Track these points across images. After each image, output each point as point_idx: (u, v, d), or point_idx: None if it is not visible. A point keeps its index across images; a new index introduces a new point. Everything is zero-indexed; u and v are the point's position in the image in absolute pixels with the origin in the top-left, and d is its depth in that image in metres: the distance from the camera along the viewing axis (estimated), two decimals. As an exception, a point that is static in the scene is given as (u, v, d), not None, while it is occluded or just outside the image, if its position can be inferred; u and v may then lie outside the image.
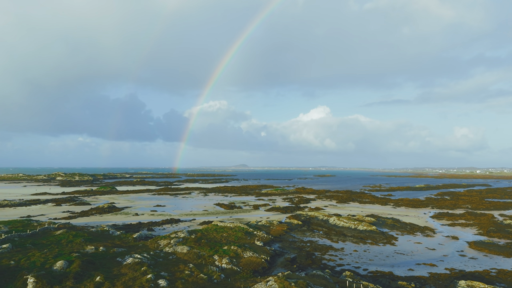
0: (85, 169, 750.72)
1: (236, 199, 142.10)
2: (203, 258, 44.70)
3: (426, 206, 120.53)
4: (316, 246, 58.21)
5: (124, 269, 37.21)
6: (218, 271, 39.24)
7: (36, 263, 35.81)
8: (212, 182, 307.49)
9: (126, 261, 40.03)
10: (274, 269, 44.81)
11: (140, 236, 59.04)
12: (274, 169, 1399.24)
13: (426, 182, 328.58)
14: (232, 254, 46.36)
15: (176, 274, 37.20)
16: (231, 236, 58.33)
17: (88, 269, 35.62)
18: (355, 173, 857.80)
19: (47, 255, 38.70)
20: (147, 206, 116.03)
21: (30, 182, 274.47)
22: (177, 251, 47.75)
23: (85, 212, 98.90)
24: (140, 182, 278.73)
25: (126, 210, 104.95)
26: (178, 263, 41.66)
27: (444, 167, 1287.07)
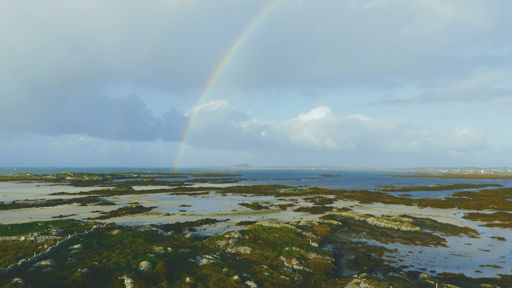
0: (87, 169, 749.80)
1: (258, 199, 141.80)
2: (270, 259, 44.45)
3: (452, 207, 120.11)
4: (368, 247, 57.92)
5: (204, 270, 36.95)
6: (295, 273, 38.97)
7: (121, 264, 35.54)
8: (221, 182, 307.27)
9: (201, 262, 39.77)
10: (342, 270, 44.53)
11: (192, 236, 58.81)
12: (276, 169, 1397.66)
13: (436, 182, 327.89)
14: (297, 256, 46.08)
15: (258, 275, 36.93)
16: (283, 236, 58.05)
17: (172, 270, 35.38)
18: (359, 173, 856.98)
19: (125, 256, 38.43)
20: (173, 206, 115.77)
21: (41, 182, 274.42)
22: (240, 251, 47.49)
23: (115, 212, 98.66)
24: (151, 182, 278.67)
25: (155, 210, 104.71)
26: (250, 264, 41.41)
27: (445, 167, 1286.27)
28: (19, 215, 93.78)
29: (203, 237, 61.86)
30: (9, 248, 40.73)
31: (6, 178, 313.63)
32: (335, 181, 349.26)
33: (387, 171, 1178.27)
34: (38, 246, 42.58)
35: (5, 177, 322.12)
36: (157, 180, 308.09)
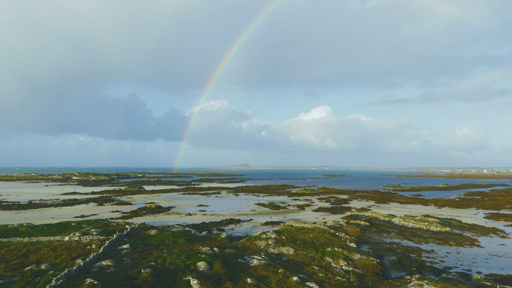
0: (88, 169, 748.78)
1: (272, 199, 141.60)
2: (317, 260, 44.26)
3: (469, 207, 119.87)
4: (404, 247, 57.71)
5: (260, 271, 36.77)
6: (349, 274, 38.80)
7: (178, 264, 35.37)
8: (228, 181, 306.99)
9: (252, 262, 39.58)
10: (389, 271, 44.34)
11: (227, 237, 58.64)
12: (277, 169, 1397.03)
13: (442, 182, 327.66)
14: (342, 256, 45.90)
15: (313, 276, 36.77)
16: (319, 237, 57.87)
17: (229, 271, 35.22)
18: (362, 172, 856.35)
19: (178, 256, 38.25)
20: (191, 206, 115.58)
21: (49, 182, 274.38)
22: (283, 252, 47.33)
23: (135, 212, 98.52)
24: (158, 182, 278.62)
25: (174, 210, 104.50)
26: (299, 265, 41.22)
27: (446, 167, 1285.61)
28: (40, 215, 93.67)
29: (236, 238, 61.73)
30: (59, 249, 40.55)
31: (12, 178, 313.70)
32: (341, 181, 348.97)
33: (389, 171, 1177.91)
34: (86, 247, 42.42)
35: (12, 177, 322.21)
36: (164, 180, 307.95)
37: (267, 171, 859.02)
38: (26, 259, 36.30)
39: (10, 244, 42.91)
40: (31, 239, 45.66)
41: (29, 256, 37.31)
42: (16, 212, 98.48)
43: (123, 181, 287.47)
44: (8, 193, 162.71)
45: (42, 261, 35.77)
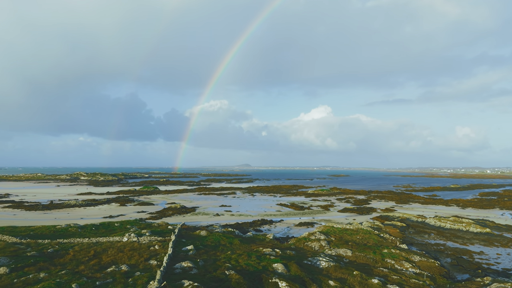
0: (89, 169, 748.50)
1: (291, 200, 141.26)
2: (379, 262, 43.95)
3: (492, 207, 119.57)
4: (452, 249, 57.40)
5: (334, 273, 36.48)
6: (423, 276, 38.50)
7: (255, 266, 35.07)
8: (236, 182, 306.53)
9: (320, 264, 39.31)
10: (452, 273, 44.01)
11: (274, 237, 58.35)
12: (279, 169, 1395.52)
13: (451, 182, 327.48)
14: (402, 258, 45.58)
15: (389, 278, 36.47)
16: (366, 238, 57.55)
17: (306, 273, 34.91)
18: (365, 173, 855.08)
19: (248, 258, 37.95)
20: (214, 207, 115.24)
21: (58, 182, 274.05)
22: (341, 254, 47.03)
23: (162, 213, 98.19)
24: (167, 182, 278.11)
25: (200, 211, 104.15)
26: (366, 267, 40.91)
27: (447, 167, 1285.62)
28: (67, 215, 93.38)
29: (280, 238, 61.42)
30: (125, 250, 40.26)
31: (21, 178, 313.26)
32: (348, 181, 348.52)
33: (390, 171, 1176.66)
34: (150, 247, 42.10)
35: (20, 177, 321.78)
36: (172, 180, 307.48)
37: (270, 171, 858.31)
38: (100, 260, 35.98)
39: (73, 244, 42.61)
40: (90, 240, 45.34)
41: (100, 257, 37.00)
42: (43, 213, 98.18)
43: (132, 181, 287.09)
44: (24, 193, 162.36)
45: (118, 262, 35.46)
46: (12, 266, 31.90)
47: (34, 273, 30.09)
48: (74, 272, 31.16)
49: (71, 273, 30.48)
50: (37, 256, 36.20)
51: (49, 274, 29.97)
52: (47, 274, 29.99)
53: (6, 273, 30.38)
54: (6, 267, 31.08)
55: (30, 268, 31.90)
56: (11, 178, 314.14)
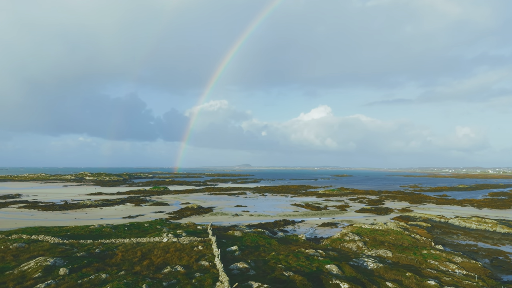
0: (90, 169, 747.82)
1: (304, 200, 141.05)
2: (424, 263, 43.74)
3: (508, 207, 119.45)
4: (485, 249, 57.20)
5: (386, 274, 36.27)
6: (475, 277, 38.30)
7: (309, 267, 34.86)
8: (242, 182, 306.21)
9: (369, 265, 39.10)
10: (496, 274, 43.81)
11: (307, 238, 58.13)
12: (280, 169, 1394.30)
13: (456, 182, 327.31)
14: (443, 259, 45.38)
15: (441, 279, 36.26)
16: (400, 239, 57.33)
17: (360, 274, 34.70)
18: (367, 173, 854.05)
19: (298, 259, 37.73)
20: (229, 207, 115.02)
21: (64, 182, 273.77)
22: (381, 254, 46.82)
23: (180, 213, 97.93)
24: (173, 182, 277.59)
25: (217, 211, 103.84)
26: (412, 268, 40.69)
27: (448, 167, 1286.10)
28: (86, 215, 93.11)
29: (311, 239, 61.21)
30: (170, 250, 40.03)
31: (26, 178, 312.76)
32: (353, 181, 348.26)
33: (391, 171, 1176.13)
34: (194, 248, 41.86)
35: (25, 177, 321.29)
36: (178, 180, 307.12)
37: (272, 171, 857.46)
38: (151, 260, 35.73)
39: (117, 245, 42.35)
40: (131, 240, 45.10)
41: (150, 258, 36.76)
42: (60, 213, 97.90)
43: (138, 181, 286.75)
44: (34, 194, 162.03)
45: (169, 262, 35.24)
46: (69, 266, 31.64)
47: (94, 274, 29.85)
48: (133, 273, 30.92)
49: (131, 274, 30.25)
50: (87, 257, 35.96)
51: (110, 275, 29.73)
52: (108, 274, 29.75)
53: (66, 274, 30.14)
54: (65, 268, 30.83)
55: (87, 269, 31.65)
56: (17, 178, 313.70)
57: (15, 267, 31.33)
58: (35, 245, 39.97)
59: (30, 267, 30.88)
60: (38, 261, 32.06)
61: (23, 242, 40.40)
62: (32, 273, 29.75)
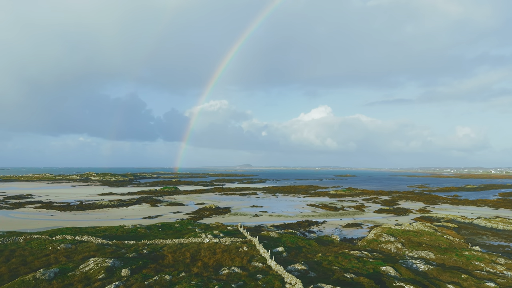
0: (91, 169, 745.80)
1: (317, 200, 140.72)
2: (470, 265, 43.42)
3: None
4: (519, 250, 56.96)
5: (441, 276, 35.97)
6: (525, 278, 38.01)
7: (366, 269, 34.54)
8: (248, 182, 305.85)
9: (419, 267, 38.79)
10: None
11: (340, 239, 57.81)
12: (281, 169, 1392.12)
13: (462, 182, 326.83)
14: (487, 261, 45.06)
15: (496, 281, 35.94)
16: (435, 240, 57.01)
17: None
18: (370, 173, 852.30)
19: (350, 260, 37.43)
20: (246, 207, 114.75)
21: (70, 182, 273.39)
22: (423, 256, 46.48)
23: (199, 213, 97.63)
24: (180, 182, 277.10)
25: (235, 211, 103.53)
26: (460, 270, 40.40)
27: (448, 167, 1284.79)
28: (105, 216, 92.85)
29: (346, 239, 60.89)
30: (217, 251, 39.70)
31: (32, 178, 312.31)
32: (359, 182, 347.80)
33: (393, 171, 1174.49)
34: (239, 249, 41.51)
35: (31, 177, 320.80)
36: (184, 181, 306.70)
37: (275, 171, 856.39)
38: (203, 262, 35.41)
39: (160, 245, 42.03)
40: (173, 241, 44.78)
41: (201, 259, 36.43)
42: (79, 213, 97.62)
43: (145, 182, 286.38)
44: (45, 194, 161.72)
45: (223, 264, 34.93)
46: (128, 267, 31.32)
47: (157, 275, 29.53)
48: (194, 274, 30.61)
49: (194, 275, 29.94)
50: (138, 258, 35.65)
51: (174, 276, 29.43)
52: (171, 276, 29.45)
53: (129, 274, 29.84)
54: (126, 269, 30.53)
55: (146, 270, 31.33)
56: (22, 178, 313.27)
57: (75, 268, 31.02)
58: (82, 245, 39.65)
59: (91, 268, 30.58)
60: (96, 262, 31.74)
61: (68, 243, 40.07)
62: (95, 274, 29.44)
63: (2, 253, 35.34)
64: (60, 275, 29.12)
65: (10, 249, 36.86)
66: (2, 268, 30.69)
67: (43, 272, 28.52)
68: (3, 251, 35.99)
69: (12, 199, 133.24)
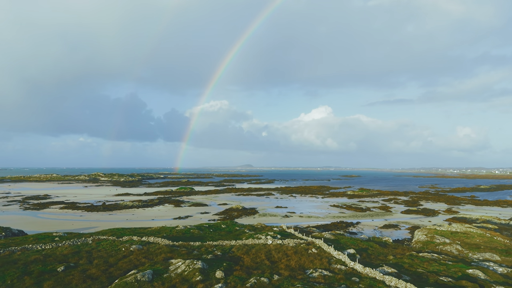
0: (91, 169, 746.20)
1: (337, 201, 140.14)
2: (538, 265, 42.81)
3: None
4: None
5: None
6: None
7: (449, 272, 33.96)
8: (257, 182, 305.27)
9: (497, 270, 38.19)
10: None
11: (395, 241, 57.24)
12: (283, 169, 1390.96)
13: (472, 183, 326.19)
14: (554, 261, 44.45)
15: None
16: (489, 242, 56.33)
17: (504, 278, 33.80)
18: (373, 173, 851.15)
19: (430, 263, 36.86)
20: (270, 208, 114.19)
21: (80, 183, 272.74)
22: (488, 258, 45.85)
23: (228, 214, 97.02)
24: (189, 183, 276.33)
25: (262, 212, 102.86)
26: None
27: (449, 167, 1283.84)
28: (134, 216, 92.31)
29: (398, 241, 60.30)
30: (289, 253, 39.10)
31: (41, 179, 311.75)
32: (367, 182, 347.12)
33: (394, 171, 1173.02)
34: (308, 251, 40.90)
35: (40, 178, 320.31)
36: (193, 181, 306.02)
37: (278, 172, 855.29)
38: (285, 264, 34.82)
39: (228, 247, 41.42)
40: (237, 242, 44.13)
41: (279, 260, 35.84)
42: (108, 214, 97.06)
43: (155, 182, 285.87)
44: (63, 194, 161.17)
45: (304, 266, 34.37)
46: (216, 269, 30.73)
47: (252, 277, 28.92)
48: (289, 276, 30.02)
49: (290, 278, 29.35)
50: (216, 259, 35.06)
51: (269, 279, 28.82)
52: (267, 279, 28.83)
53: (223, 277, 29.24)
54: (220, 271, 29.94)
55: (237, 272, 30.75)
56: (31, 178, 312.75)
57: (165, 270, 30.38)
58: (152, 246, 39.02)
59: (184, 270, 29.96)
60: (186, 263, 31.11)
61: (138, 244, 39.44)
62: (191, 276, 28.83)
63: (80, 254, 34.78)
64: (156, 277, 28.55)
65: (85, 250, 36.28)
66: (92, 270, 30.11)
67: (142, 273, 27.93)
68: (79, 252, 35.43)
69: (31, 200, 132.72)
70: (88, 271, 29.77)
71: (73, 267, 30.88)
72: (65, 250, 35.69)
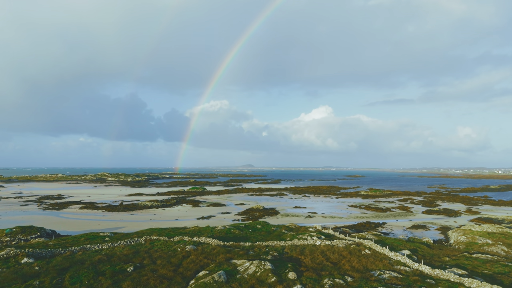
0: (92, 169, 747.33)
1: (353, 201, 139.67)
2: None
3: None
4: None
5: None
6: None
7: (498, 276, 33.54)
8: (263, 182, 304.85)
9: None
10: None
11: (436, 242, 56.78)
12: (284, 169, 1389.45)
13: (480, 183, 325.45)
14: None
15: None
16: (528, 241, 55.92)
17: None
18: (376, 173, 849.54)
19: (492, 265, 36.43)
20: (289, 208, 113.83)
21: (88, 183, 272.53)
22: (537, 258, 45.41)
23: (250, 214, 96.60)
24: (197, 183, 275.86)
25: (283, 212, 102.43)
26: None
27: (450, 167, 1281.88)
28: (156, 216, 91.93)
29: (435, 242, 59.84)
30: (344, 254, 38.69)
31: (47, 179, 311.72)
32: (373, 182, 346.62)
33: (396, 171, 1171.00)
34: (361, 252, 40.50)
35: (46, 178, 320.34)
36: (200, 181, 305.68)
37: (280, 172, 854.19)
38: (350, 265, 34.39)
39: (279, 247, 41.01)
40: (286, 243, 43.77)
41: (339, 261, 35.45)
42: (129, 214, 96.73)
43: (162, 182, 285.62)
44: (76, 194, 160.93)
45: (368, 267, 33.97)
46: (285, 270, 30.33)
47: (325, 278, 28.52)
48: (363, 278, 29.61)
49: (364, 279, 28.94)
50: (276, 260, 34.65)
51: (344, 281, 28.41)
52: (342, 281, 28.42)
53: (296, 278, 28.83)
54: (292, 272, 29.52)
55: (306, 273, 30.36)
56: (38, 178, 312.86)
57: (235, 270, 29.98)
58: (206, 247, 38.63)
59: (255, 271, 29.55)
60: (255, 264, 30.70)
61: (190, 244, 39.06)
62: (265, 277, 28.42)
63: (139, 254, 34.39)
64: (231, 278, 28.14)
65: (142, 250, 35.90)
66: (162, 270, 29.72)
67: (218, 274, 27.54)
68: (138, 252, 35.04)
69: (47, 200, 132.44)
70: (158, 272, 29.37)
71: (140, 267, 30.53)
72: (125, 250, 35.30)
